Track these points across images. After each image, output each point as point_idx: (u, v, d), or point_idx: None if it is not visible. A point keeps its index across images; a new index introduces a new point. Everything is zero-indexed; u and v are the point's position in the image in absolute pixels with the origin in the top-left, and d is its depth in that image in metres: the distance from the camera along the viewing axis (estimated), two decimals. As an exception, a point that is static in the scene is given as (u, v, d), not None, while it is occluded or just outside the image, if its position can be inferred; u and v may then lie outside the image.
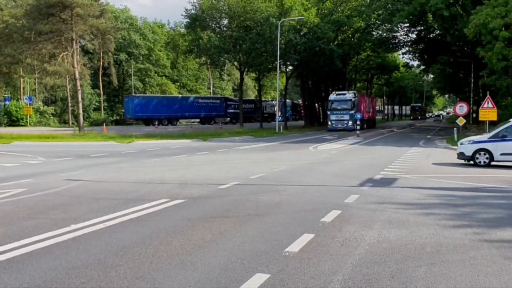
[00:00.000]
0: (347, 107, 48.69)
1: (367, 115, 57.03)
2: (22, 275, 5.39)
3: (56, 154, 21.00)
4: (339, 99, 49.79)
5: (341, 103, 49.23)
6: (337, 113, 48.95)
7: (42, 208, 9.13)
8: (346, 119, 48.23)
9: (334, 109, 49.50)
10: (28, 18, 34.61)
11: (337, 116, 48.78)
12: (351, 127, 46.69)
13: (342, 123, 48.22)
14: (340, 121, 48.47)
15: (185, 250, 6.43)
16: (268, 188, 11.81)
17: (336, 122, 48.59)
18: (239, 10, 49.90)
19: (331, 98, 51.11)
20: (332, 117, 49.29)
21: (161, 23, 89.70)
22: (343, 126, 47.81)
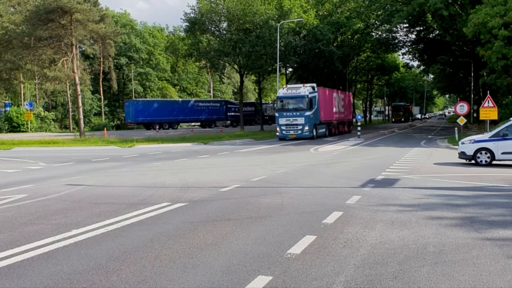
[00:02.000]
0: (301, 106, 35.73)
1: (336, 116, 43.42)
2: (24, 281, 5.38)
3: (57, 159, 21.00)
4: (290, 95, 36.44)
5: (293, 101, 36.17)
6: (288, 115, 35.91)
7: (44, 214, 9.12)
8: (301, 123, 35.26)
9: (284, 110, 36.22)
10: (28, 24, 34.67)
11: (288, 120, 35.72)
12: (307, 135, 35.36)
13: (295, 129, 35.36)
14: (292, 126, 35.53)
15: (187, 253, 6.41)
16: (269, 191, 11.79)
17: (286, 128, 35.71)
18: (238, 13, 49.95)
19: (280, 94, 37.33)
20: (281, 121, 35.88)
21: (161, 27, 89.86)
22: (296, 133, 35.33)
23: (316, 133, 36.82)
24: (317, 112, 36.89)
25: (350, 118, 50.31)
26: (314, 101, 36.67)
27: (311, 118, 35.73)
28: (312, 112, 35.99)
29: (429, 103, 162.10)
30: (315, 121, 36.37)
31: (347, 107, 48.97)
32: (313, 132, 36.01)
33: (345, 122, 47.53)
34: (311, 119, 35.77)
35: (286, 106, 36.22)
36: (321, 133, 38.17)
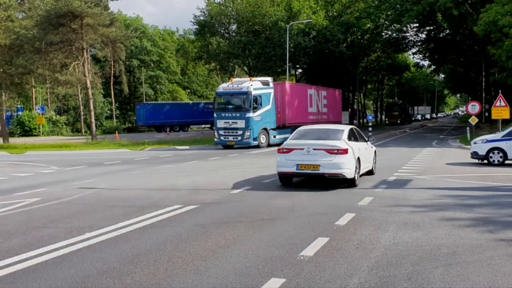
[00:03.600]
0: (242, 106, 28.29)
1: (312, 117, 35.07)
2: (38, 284, 5.42)
3: (70, 162, 21.15)
4: (231, 91, 29.15)
5: (233, 98, 29.02)
6: (226, 116, 28.72)
7: (57, 217, 9.19)
8: (240, 127, 28.11)
9: (223, 110, 29.03)
10: (39, 28, 34.94)
11: (227, 122, 28.58)
12: (247, 143, 28.21)
13: (235, 135, 28.35)
14: (231, 130, 28.44)
15: (200, 256, 6.42)
16: (280, 193, 11.78)
17: (225, 133, 28.67)
18: (247, 15, 50.07)
19: (219, 89, 30.44)
20: (219, 123, 28.92)
21: (171, 31, 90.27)
22: (235, 139, 28.38)
23: (268, 140, 29.32)
24: (270, 114, 29.56)
25: (338, 119, 41.06)
26: (265, 99, 29.11)
27: (255, 122, 28.20)
28: (258, 113, 28.43)
29: (440, 102, 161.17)
30: (265, 125, 29.04)
31: (333, 107, 40.35)
32: (261, 139, 28.67)
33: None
34: (256, 122, 28.28)
35: (226, 105, 29.01)
36: (280, 140, 28.32)
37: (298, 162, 12.24)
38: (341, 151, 12.05)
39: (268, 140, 29.67)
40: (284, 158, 12.47)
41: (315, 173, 12.23)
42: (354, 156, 12.41)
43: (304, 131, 13.67)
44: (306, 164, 12.17)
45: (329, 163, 11.99)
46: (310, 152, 12.17)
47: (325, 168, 12.00)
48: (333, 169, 11.98)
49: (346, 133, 13.00)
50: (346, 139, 12.67)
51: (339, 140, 12.46)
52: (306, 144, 12.39)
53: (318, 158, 12.09)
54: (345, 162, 12.01)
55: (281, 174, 12.84)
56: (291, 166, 12.34)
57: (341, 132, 13.07)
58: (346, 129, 13.31)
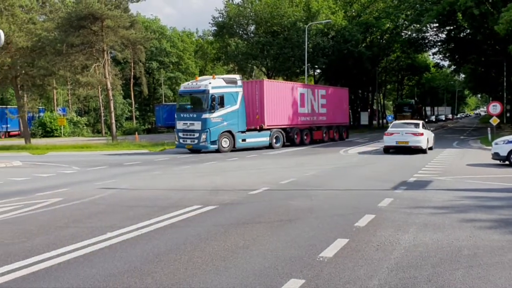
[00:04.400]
0: (200, 106, 26.29)
1: (303, 119, 32.35)
2: (61, 283, 5.51)
3: (91, 163, 21.39)
4: (190, 89, 27.33)
5: (192, 98, 27.20)
6: (185, 117, 26.74)
7: (79, 217, 9.31)
8: (197, 129, 25.96)
9: (183, 110, 27.28)
10: (60, 31, 35.42)
11: (185, 124, 26.59)
12: (204, 146, 25.97)
13: (192, 137, 26.24)
14: (189, 133, 26.42)
15: (219, 256, 6.46)
16: (299, 193, 11.77)
17: (183, 135, 26.69)
18: (266, 16, 50.14)
19: (180, 89, 29.16)
20: (179, 125, 27.04)
21: (190, 32, 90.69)
22: (192, 142, 26.22)
23: (233, 144, 26.82)
24: (237, 115, 27.01)
25: (344, 121, 38.14)
26: (229, 99, 26.61)
27: (213, 123, 25.82)
28: (218, 114, 26.06)
29: (461, 103, 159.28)
30: (228, 127, 26.52)
31: (336, 107, 36.44)
32: (222, 143, 26.29)
33: (332, 126, 35.85)
34: (215, 124, 25.90)
35: (185, 105, 27.40)
36: (252, 143, 27.83)
37: (396, 140, 23.00)
38: (419, 134, 22.85)
39: (233, 144, 26.78)
40: (388, 138, 23.23)
41: (406, 146, 22.80)
42: (425, 137, 23.02)
43: (397, 124, 24.62)
44: (401, 141, 22.90)
45: (414, 140, 22.73)
46: (403, 135, 23.00)
47: (411, 143, 22.75)
48: (416, 143, 22.70)
49: (421, 124, 23.56)
50: (421, 128, 23.22)
51: (418, 128, 23.14)
52: (401, 130, 23.31)
53: (407, 138, 22.87)
54: (422, 140, 22.75)
55: (386, 147, 23.59)
56: (392, 142, 23.11)
57: (418, 124, 23.64)
58: (420, 123, 23.91)
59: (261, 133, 28.54)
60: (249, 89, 28.84)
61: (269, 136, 28.96)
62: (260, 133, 28.50)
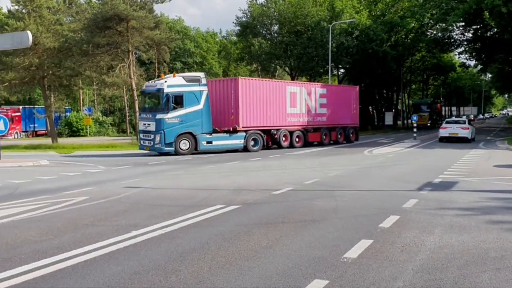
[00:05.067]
0: (156, 106, 25.47)
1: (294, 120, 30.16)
2: (87, 281, 5.59)
3: (116, 162, 21.65)
4: (148, 89, 26.37)
5: (149, 97, 26.36)
6: (143, 117, 26.15)
7: (104, 215, 9.44)
8: (152, 130, 24.94)
9: (142, 110, 27.15)
10: (86, 31, 35.93)
11: (144, 124, 25.67)
12: (158, 148, 24.88)
13: (148, 139, 25.23)
14: (147, 134, 25.43)
15: (242, 256, 6.48)
16: (323, 194, 11.73)
17: (143, 136, 25.78)
18: (289, 16, 50.10)
19: (142, 88, 28.47)
20: (140, 125, 26.45)
21: (214, 32, 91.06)
22: (149, 144, 25.20)
23: (194, 146, 25.36)
24: (200, 116, 25.40)
25: (352, 122, 35.09)
26: (190, 98, 25.10)
27: (168, 124, 24.57)
28: (175, 115, 24.75)
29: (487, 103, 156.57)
30: (188, 128, 25.08)
31: (340, 107, 33.70)
32: (180, 145, 25.01)
33: (336, 128, 33.21)
34: (170, 125, 24.63)
35: (144, 105, 26.66)
36: (221, 146, 26.37)
37: (449, 132, 32.46)
38: (466, 128, 32.42)
39: (195, 147, 25.36)
40: (443, 131, 32.79)
41: (456, 137, 31.90)
42: (470, 131, 32.61)
43: (450, 121, 36.32)
44: (452, 133, 32.20)
45: (462, 132, 32.06)
46: (454, 129, 32.52)
47: (460, 134, 31.99)
48: (464, 135, 32.01)
49: (467, 121, 34.83)
50: (467, 124, 33.56)
51: (465, 124, 33.15)
52: (452, 125, 33.33)
53: (457, 131, 32.22)
54: (468, 132, 32.21)
55: (441, 137, 32.97)
56: (446, 134, 32.50)
57: (465, 121, 34.36)
58: (466, 121, 35.14)
59: (234, 135, 26.72)
60: (223, 88, 27.33)
61: (244, 138, 26.93)
62: (233, 135, 26.70)
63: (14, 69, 35.15)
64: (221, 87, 27.54)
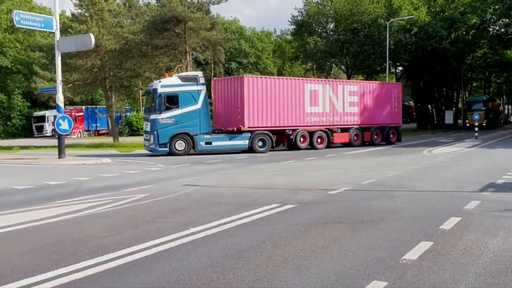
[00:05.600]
0: (152, 106, 25.34)
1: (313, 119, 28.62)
2: (148, 276, 5.75)
3: (174, 160, 22.12)
4: (148, 89, 27.29)
5: (148, 97, 26.84)
6: (145, 118, 27.17)
7: (163, 212, 9.68)
8: (148, 130, 25.40)
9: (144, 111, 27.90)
10: (146, 34, 36.97)
11: (145, 125, 26.62)
12: (154, 149, 25.03)
13: (147, 139, 25.59)
14: (146, 134, 25.94)
15: (299, 255, 6.48)
16: (380, 194, 11.54)
17: (146, 136, 26.12)
18: (346, 13, 49.57)
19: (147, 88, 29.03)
20: (144, 127, 27.72)
21: (269, 32, 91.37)
22: (148, 144, 25.47)
23: (191, 147, 25.17)
24: (198, 116, 25.15)
25: (393, 121, 32.62)
26: (186, 98, 24.89)
27: (162, 124, 24.52)
28: (169, 115, 24.68)
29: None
30: (184, 129, 24.86)
31: (379, 106, 31.73)
32: (175, 146, 24.83)
33: (371, 128, 31.11)
34: (164, 125, 24.55)
35: (146, 105, 26.85)
36: (222, 147, 25.89)
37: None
38: None
39: (191, 147, 25.15)
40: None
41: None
42: None
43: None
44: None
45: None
46: None
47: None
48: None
49: None
50: None
51: None
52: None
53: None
54: None
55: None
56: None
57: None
58: None
59: (238, 136, 26.04)
60: (230, 87, 26.76)
61: (249, 139, 26.09)
62: (236, 135, 26.05)
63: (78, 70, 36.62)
64: (229, 87, 27.02)
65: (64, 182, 14.96)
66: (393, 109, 32.67)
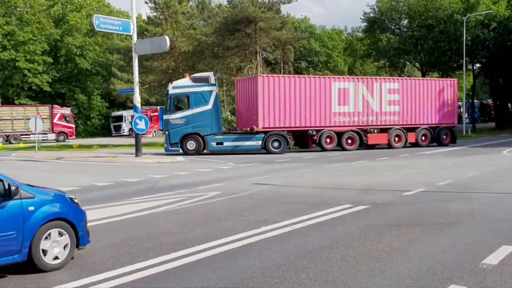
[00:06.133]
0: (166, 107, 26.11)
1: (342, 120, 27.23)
2: (222, 272, 5.85)
3: (244, 160, 22.36)
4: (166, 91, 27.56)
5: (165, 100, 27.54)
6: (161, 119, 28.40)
7: (235, 210, 9.82)
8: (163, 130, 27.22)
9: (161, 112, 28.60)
10: (217, 35, 37.64)
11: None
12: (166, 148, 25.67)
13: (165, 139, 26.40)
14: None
15: (373, 257, 6.36)
16: (458, 196, 11.10)
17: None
18: (420, 9, 48.13)
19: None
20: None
21: (339, 30, 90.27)
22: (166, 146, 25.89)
23: (203, 147, 25.31)
24: (208, 116, 25.28)
25: (446, 121, 29.82)
26: (197, 99, 25.18)
27: (172, 125, 25.08)
28: (180, 116, 25.19)
29: None
30: (195, 129, 25.12)
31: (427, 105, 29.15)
32: (187, 146, 25.10)
33: (416, 128, 28.74)
34: (175, 126, 25.07)
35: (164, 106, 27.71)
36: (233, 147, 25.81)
37: None
38: None
39: (203, 147, 25.30)
40: None
41: None
42: None
43: None
44: None
45: None
46: None
47: None
48: None
49: None
50: None
51: None
52: None
53: None
54: None
55: None
56: None
57: None
58: None
59: (251, 136, 25.80)
60: (248, 87, 26.49)
61: (262, 139, 25.57)
62: (250, 136, 25.82)
63: (153, 72, 37.88)
64: (248, 87, 26.67)
65: (141, 179, 15.53)
66: (447, 108, 30.02)
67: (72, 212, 6.37)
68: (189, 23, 39.50)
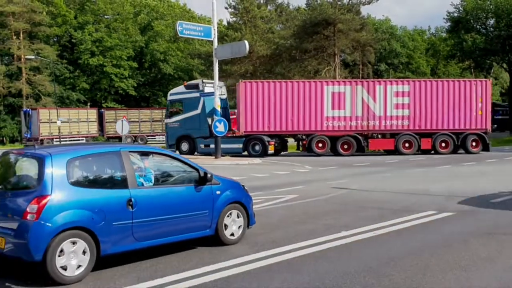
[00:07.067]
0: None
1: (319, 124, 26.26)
2: (302, 276, 5.85)
3: (321, 163, 22.20)
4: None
5: None
6: None
7: (314, 214, 9.77)
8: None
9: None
10: (295, 38, 37.68)
11: None
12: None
13: None
14: None
15: (459, 265, 6.11)
16: (552, 204, 10.41)
17: None
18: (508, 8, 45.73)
19: None
20: None
21: (421, 30, 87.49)
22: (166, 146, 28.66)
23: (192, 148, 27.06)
24: (197, 120, 26.77)
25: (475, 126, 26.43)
26: (190, 104, 27.00)
27: (169, 128, 27.96)
28: (176, 119, 27.69)
29: None
30: (186, 132, 27.01)
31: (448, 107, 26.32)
32: (181, 147, 27.14)
33: (433, 134, 26.31)
34: (171, 129, 27.73)
35: None
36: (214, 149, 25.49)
37: None
38: None
39: (193, 149, 27.07)
40: None
41: None
42: None
43: None
44: None
45: None
46: None
47: None
48: None
49: None
50: None
51: None
52: None
53: None
54: None
55: None
56: None
57: None
58: None
59: (232, 139, 26.71)
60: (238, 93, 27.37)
61: (243, 143, 26.46)
62: (233, 139, 26.76)
63: (232, 76, 38.54)
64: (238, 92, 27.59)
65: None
66: (476, 112, 26.55)
67: (245, 197, 7.79)
68: (267, 27, 39.88)
